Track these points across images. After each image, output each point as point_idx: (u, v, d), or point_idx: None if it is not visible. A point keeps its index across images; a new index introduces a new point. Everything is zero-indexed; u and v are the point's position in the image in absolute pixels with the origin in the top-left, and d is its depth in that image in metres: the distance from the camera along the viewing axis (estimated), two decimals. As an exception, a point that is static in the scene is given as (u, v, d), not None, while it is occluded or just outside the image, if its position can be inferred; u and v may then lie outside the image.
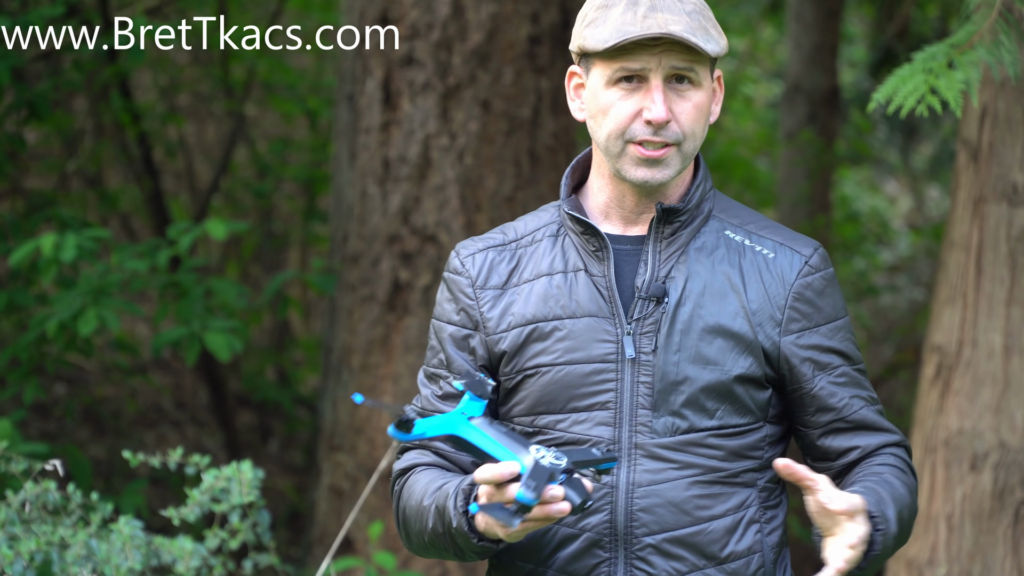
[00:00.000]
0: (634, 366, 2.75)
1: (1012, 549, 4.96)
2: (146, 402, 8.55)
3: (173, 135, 8.91)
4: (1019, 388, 4.96)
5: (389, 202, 6.06)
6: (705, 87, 2.77)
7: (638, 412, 2.75)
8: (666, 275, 2.78)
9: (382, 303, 6.08)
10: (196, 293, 5.94)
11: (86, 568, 4.18)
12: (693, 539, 2.75)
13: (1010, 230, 4.96)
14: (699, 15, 2.76)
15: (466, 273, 2.85)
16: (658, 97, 2.73)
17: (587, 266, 2.80)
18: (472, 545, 2.68)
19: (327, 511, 6.23)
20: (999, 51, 4.18)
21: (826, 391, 2.80)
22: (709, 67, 2.79)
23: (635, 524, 2.74)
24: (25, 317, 6.33)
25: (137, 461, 4.43)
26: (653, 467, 2.74)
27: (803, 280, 2.81)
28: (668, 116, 2.73)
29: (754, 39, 12.50)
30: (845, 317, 2.84)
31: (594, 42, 2.74)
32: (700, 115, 2.77)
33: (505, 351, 2.80)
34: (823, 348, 2.81)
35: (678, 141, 2.75)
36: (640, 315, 2.76)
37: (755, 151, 12.20)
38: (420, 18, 6.01)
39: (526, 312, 2.80)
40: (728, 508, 2.76)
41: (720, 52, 2.77)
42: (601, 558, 2.75)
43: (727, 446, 2.76)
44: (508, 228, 2.90)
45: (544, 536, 2.77)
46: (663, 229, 2.80)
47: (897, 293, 12.70)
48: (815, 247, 2.84)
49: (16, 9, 6.53)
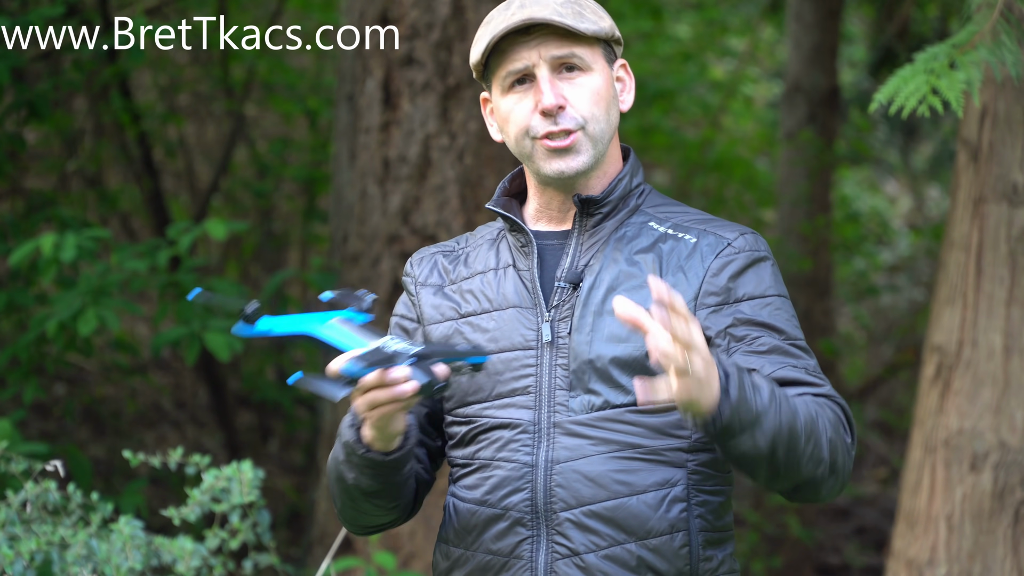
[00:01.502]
0: (551, 349, 2.81)
1: (1012, 549, 4.96)
2: (146, 402, 8.55)
3: (173, 135, 8.91)
4: (1019, 388, 4.96)
5: (389, 202, 6.06)
6: (598, 70, 2.83)
7: (555, 393, 2.80)
8: (586, 264, 2.83)
9: (382, 303, 6.09)
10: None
11: (86, 568, 4.18)
12: (611, 513, 2.76)
13: (1010, 230, 4.97)
14: (571, 2, 2.82)
15: (412, 274, 2.99)
16: (545, 86, 2.79)
17: (515, 262, 2.89)
18: (361, 458, 2.77)
19: (327, 511, 6.23)
20: (1001, 51, 4.18)
21: (743, 361, 2.75)
22: (600, 51, 2.84)
23: (553, 500, 2.78)
24: (25, 317, 6.33)
25: (137, 461, 4.43)
26: (571, 444, 2.78)
27: (722, 259, 2.81)
28: (558, 101, 2.79)
29: (754, 39, 12.49)
30: (776, 296, 2.81)
31: (476, 55, 2.84)
32: (597, 98, 2.82)
33: (438, 341, 2.90)
34: (742, 321, 2.77)
35: (580, 126, 2.81)
36: (559, 302, 2.83)
37: (755, 151, 12.20)
38: (420, 18, 6.02)
39: (458, 307, 2.90)
40: (649, 484, 2.77)
41: (600, 32, 2.82)
42: (523, 535, 2.79)
43: (646, 422, 2.77)
44: (463, 237, 3.03)
45: (471, 519, 2.83)
46: (586, 221, 2.86)
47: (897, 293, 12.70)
48: (742, 233, 2.84)
49: (16, 9, 6.53)
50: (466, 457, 2.86)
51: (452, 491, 2.89)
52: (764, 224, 11.16)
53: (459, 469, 2.88)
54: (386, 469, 2.80)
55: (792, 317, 2.82)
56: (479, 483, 2.83)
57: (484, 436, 2.84)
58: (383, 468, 2.79)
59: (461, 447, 2.88)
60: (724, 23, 11.99)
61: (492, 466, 2.82)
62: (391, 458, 2.78)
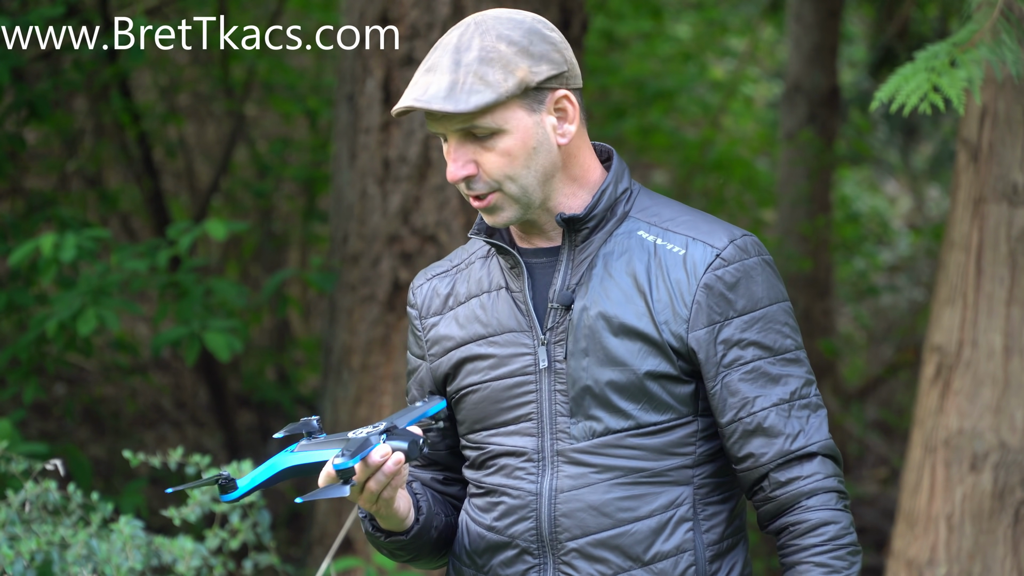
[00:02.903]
0: (550, 375, 2.79)
1: (1012, 549, 4.96)
2: (146, 402, 8.55)
3: (173, 135, 8.91)
4: (1019, 388, 4.96)
5: (389, 202, 6.06)
6: (511, 127, 2.73)
7: (557, 420, 2.78)
8: (577, 282, 2.80)
9: (382, 303, 6.08)
10: (196, 293, 5.94)
11: (86, 568, 4.18)
12: (616, 541, 2.76)
13: (1010, 230, 4.97)
14: (478, 63, 2.72)
15: (416, 305, 2.95)
16: (449, 160, 2.76)
17: (508, 283, 2.84)
18: (384, 544, 2.86)
19: (327, 511, 6.23)
20: (1001, 50, 4.18)
21: (728, 389, 2.75)
22: (514, 106, 2.74)
23: (558, 530, 2.79)
24: (25, 317, 6.32)
25: (137, 461, 4.43)
26: (574, 472, 2.78)
27: (712, 274, 2.75)
28: (463, 172, 2.75)
29: (754, 39, 12.49)
30: (771, 307, 2.77)
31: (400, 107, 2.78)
32: (510, 159, 2.74)
33: (446, 374, 2.90)
34: (732, 342, 2.75)
35: (493, 188, 2.76)
36: (553, 324, 2.80)
37: (755, 151, 12.19)
38: (420, 18, 6.01)
39: (456, 335, 2.87)
40: (654, 508, 2.77)
41: (497, 99, 2.71)
42: (531, 564, 2.81)
43: (648, 444, 2.76)
44: (456, 253, 2.97)
45: (481, 542, 2.86)
46: (574, 238, 2.81)
47: (897, 293, 12.70)
48: (732, 238, 2.78)
49: (16, 9, 6.52)
50: (477, 480, 2.88)
51: (466, 508, 2.91)
52: (764, 224, 11.17)
53: (473, 488, 2.90)
54: (411, 544, 2.87)
55: (785, 324, 2.78)
56: (489, 507, 2.85)
57: (492, 462, 2.85)
58: (408, 544, 2.87)
59: (473, 470, 2.90)
60: (724, 23, 11.99)
61: (499, 492, 2.83)
62: (412, 534, 2.85)
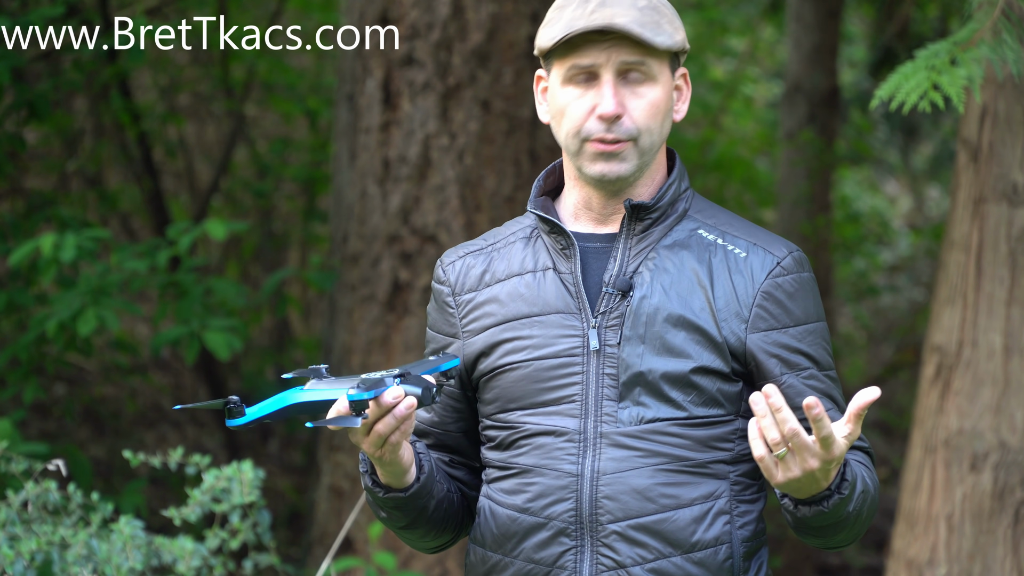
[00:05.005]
0: (599, 358, 2.78)
1: (1012, 549, 4.96)
2: (146, 402, 8.55)
3: (173, 135, 8.91)
4: (1019, 388, 4.96)
5: (389, 202, 6.06)
6: (661, 82, 2.79)
7: (604, 403, 2.77)
8: (634, 270, 2.80)
9: (382, 303, 6.08)
10: (196, 293, 5.94)
11: (87, 568, 4.18)
12: (658, 527, 2.76)
13: (1010, 230, 4.97)
14: (652, 10, 2.78)
15: (447, 282, 2.92)
16: (607, 91, 2.75)
17: (556, 264, 2.84)
18: (383, 500, 2.81)
19: (327, 511, 6.23)
20: (1002, 49, 4.18)
21: (794, 389, 2.78)
22: (667, 63, 2.81)
23: (600, 511, 2.76)
24: (25, 317, 6.32)
25: (137, 461, 4.43)
26: (618, 455, 2.76)
27: (773, 280, 2.80)
28: (618, 110, 2.76)
29: (754, 39, 12.50)
30: (819, 323, 2.83)
31: (545, 40, 2.79)
32: (655, 111, 2.78)
33: (479, 351, 2.86)
34: (791, 348, 2.79)
35: (632, 137, 2.77)
36: (606, 308, 2.79)
37: (755, 151, 12.20)
38: (420, 18, 6.01)
39: (497, 312, 2.85)
40: (695, 497, 2.77)
41: (673, 46, 2.78)
42: (567, 546, 2.78)
43: (694, 435, 2.77)
44: (491, 233, 2.96)
45: (512, 525, 2.82)
46: (634, 226, 2.82)
47: (897, 293, 12.71)
48: (791, 251, 2.83)
49: (16, 9, 6.52)
50: (503, 461, 2.84)
51: (488, 492, 2.88)
52: (764, 224, 11.17)
53: (495, 471, 2.86)
54: (409, 503, 2.82)
55: (827, 341, 2.84)
56: (519, 489, 2.82)
57: (526, 442, 2.81)
58: (406, 503, 2.82)
59: (499, 451, 2.86)
60: (724, 23, 11.98)
61: (533, 473, 2.80)
62: (411, 492, 2.81)
